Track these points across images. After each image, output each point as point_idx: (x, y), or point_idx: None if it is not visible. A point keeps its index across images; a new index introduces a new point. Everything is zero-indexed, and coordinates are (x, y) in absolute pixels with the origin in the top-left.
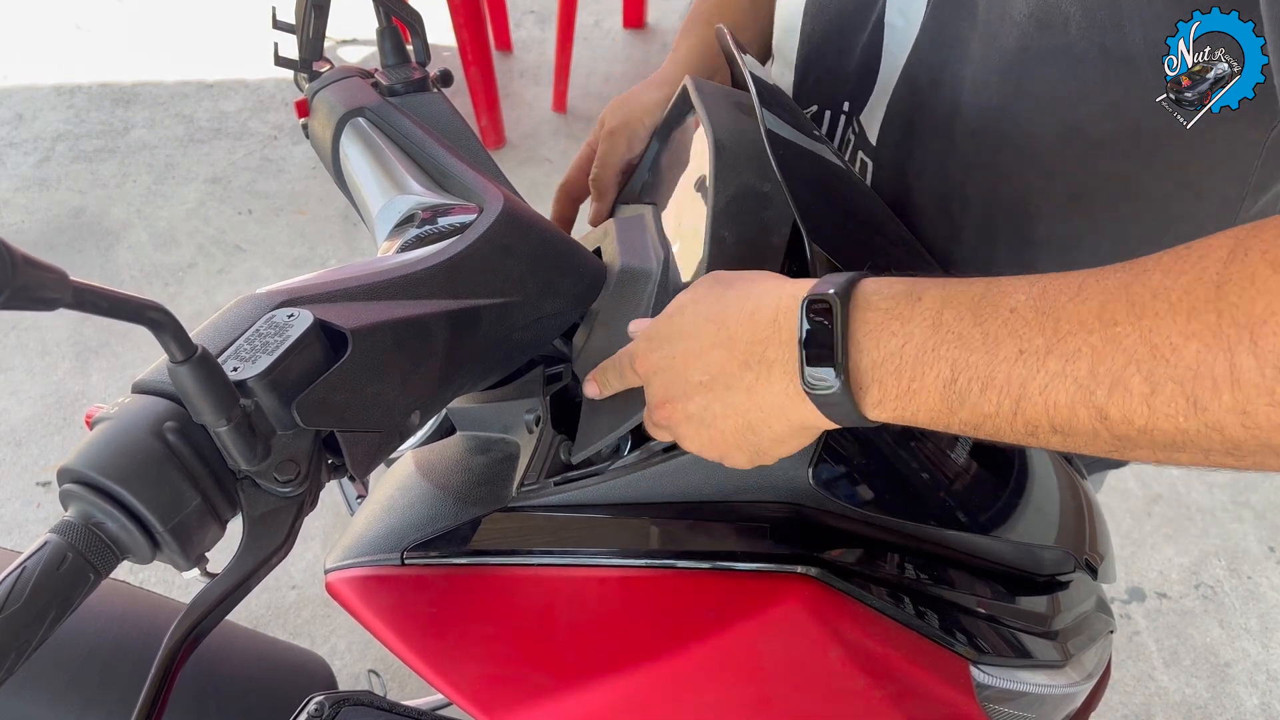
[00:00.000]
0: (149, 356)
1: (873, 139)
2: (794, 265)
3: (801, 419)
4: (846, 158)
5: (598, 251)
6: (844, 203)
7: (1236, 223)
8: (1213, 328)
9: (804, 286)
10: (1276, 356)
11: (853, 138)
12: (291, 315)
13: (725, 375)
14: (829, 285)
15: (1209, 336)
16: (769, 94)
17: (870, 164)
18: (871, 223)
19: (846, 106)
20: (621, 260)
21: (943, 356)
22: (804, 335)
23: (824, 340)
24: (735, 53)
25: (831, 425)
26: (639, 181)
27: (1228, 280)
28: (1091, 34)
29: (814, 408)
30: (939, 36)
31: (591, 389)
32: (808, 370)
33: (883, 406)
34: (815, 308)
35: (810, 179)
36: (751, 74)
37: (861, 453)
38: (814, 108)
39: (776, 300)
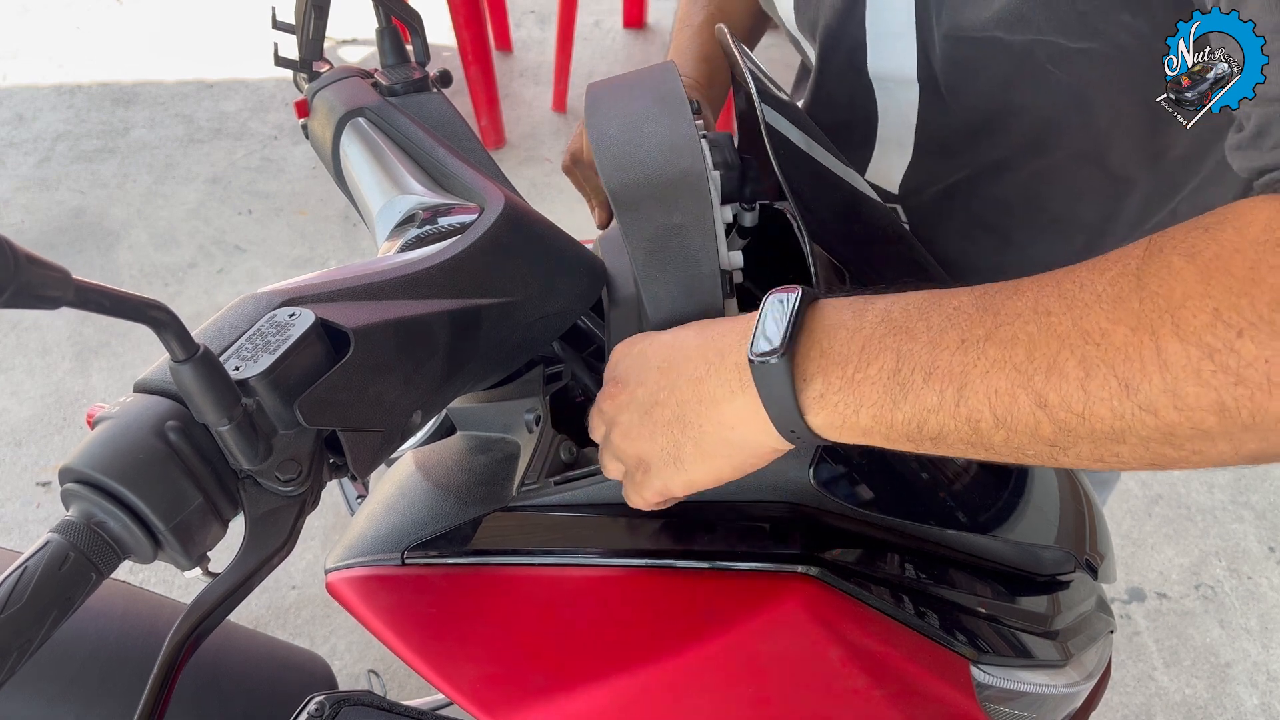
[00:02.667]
0: (149, 356)
1: (894, 189)
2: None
3: (736, 424)
4: None
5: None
6: (843, 200)
7: None
8: (1136, 313)
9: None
10: (1198, 337)
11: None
12: (293, 314)
13: (685, 364)
14: (795, 286)
15: (1134, 321)
16: (769, 92)
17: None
18: (870, 219)
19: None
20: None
21: (888, 347)
22: (762, 316)
23: (777, 320)
24: (735, 51)
25: (767, 435)
26: None
27: (1146, 271)
28: (1091, 36)
29: (750, 407)
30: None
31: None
32: (755, 340)
33: (824, 401)
34: (778, 296)
35: (809, 176)
36: (751, 72)
37: (861, 452)
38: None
39: (747, 320)
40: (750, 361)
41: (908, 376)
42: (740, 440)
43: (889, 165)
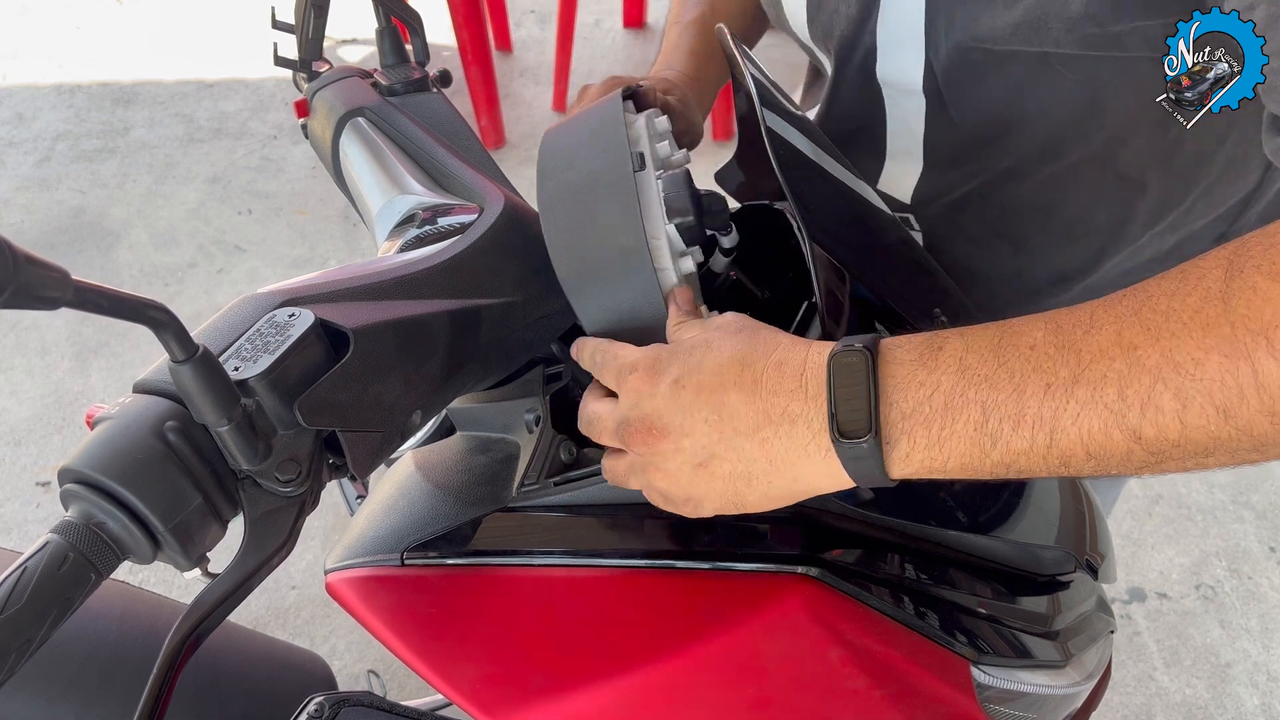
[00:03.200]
0: (149, 356)
1: (906, 199)
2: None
3: (810, 479)
4: None
5: None
6: (844, 203)
7: (1242, 221)
8: (1229, 339)
9: (828, 345)
10: None
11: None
12: (293, 315)
13: (739, 420)
14: (854, 340)
15: (1227, 348)
16: (769, 94)
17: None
18: (872, 222)
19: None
20: None
21: (971, 400)
22: (833, 390)
23: (854, 394)
24: (736, 53)
25: (841, 486)
26: None
27: (1232, 294)
28: (1103, 40)
29: (828, 468)
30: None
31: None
32: (837, 419)
33: (910, 460)
34: (843, 360)
35: (810, 178)
36: (752, 75)
37: None
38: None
39: (804, 355)
40: (836, 443)
41: (996, 427)
42: (811, 488)
43: (900, 175)
